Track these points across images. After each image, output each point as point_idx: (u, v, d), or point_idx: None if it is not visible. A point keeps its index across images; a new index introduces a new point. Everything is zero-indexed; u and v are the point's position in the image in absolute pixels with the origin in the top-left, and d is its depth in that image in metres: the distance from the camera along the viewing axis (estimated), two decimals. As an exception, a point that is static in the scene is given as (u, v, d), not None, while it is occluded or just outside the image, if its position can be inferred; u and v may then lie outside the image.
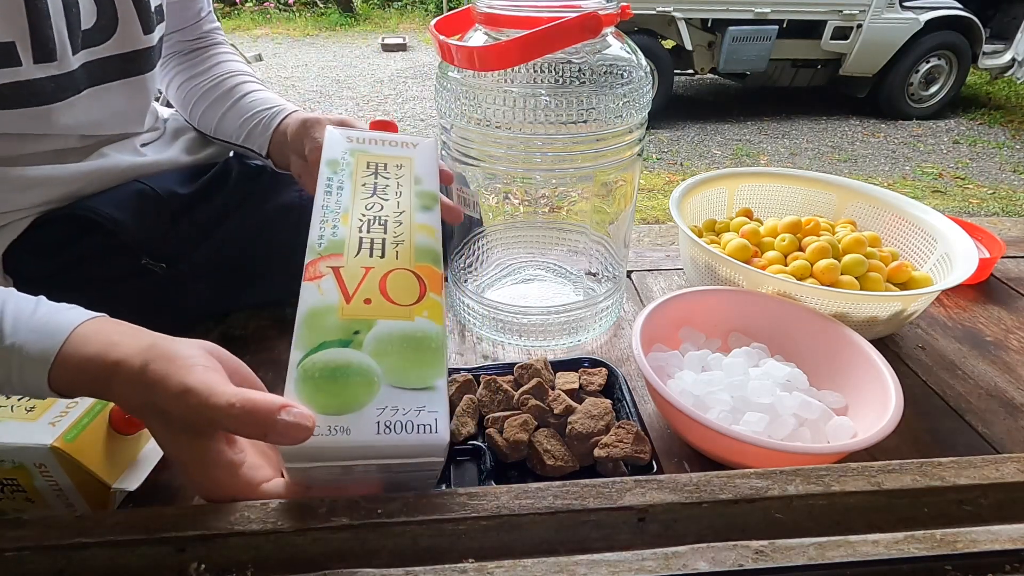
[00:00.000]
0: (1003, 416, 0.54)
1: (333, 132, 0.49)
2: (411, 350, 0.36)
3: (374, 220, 0.42)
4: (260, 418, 0.31)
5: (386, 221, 0.42)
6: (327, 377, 0.34)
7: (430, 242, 0.42)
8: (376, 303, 0.38)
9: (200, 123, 0.68)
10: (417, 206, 0.44)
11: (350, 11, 7.59)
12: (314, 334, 0.36)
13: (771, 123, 3.92)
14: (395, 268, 0.40)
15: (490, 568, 0.30)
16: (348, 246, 0.40)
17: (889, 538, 0.31)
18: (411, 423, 0.33)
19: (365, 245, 0.41)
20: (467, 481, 0.46)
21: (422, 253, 0.41)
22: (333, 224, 0.42)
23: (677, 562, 0.30)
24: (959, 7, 3.79)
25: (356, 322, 0.36)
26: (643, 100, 0.55)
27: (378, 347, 0.36)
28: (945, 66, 3.93)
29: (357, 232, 0.41)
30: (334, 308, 0.37)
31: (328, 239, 0.41)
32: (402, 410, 0.34)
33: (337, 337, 0.36)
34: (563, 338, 0.63)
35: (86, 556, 0.31)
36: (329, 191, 0.44)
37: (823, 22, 3.69)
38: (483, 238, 0.67)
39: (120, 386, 0.34)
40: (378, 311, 0.37)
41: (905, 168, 3.22)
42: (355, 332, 0.36)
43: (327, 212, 0.42)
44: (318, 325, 0.36)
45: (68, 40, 0.50)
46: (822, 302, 0.56)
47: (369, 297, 0.38)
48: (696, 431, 0.46)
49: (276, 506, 0.33)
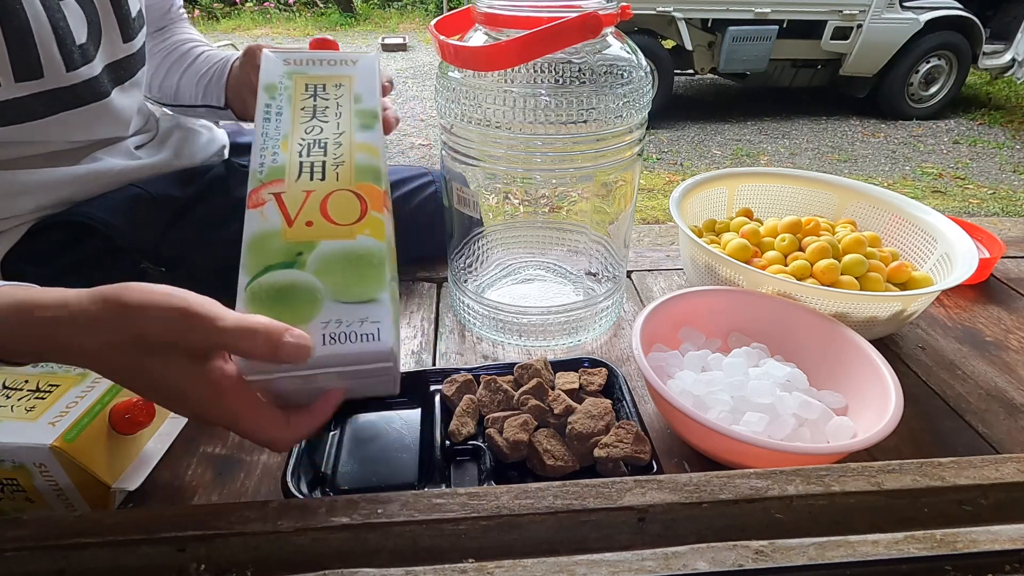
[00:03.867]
0: (1003, 416, 0.54)
1: (269, 56, 0.48)
2: (353, 267, 0.38)
3: (314, 144, 0.43)
4: (272, 338, 0.32)
5: (326, 144, 0.43)
6: (273, 298, 0.36)
7: (371, 160, 0.42)
8: (318, 224, 0.39)
9: (160, 94, 0.68)
10: (357, 125, 0.44)
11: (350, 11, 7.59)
12: (259, 258, 0.38)
13: (771, 123, 3.91)
14: (336, 190, 0.41)
15: (490, 568, 0.30)
16: (289, 171, 0.41)
17: (889, 538, 0.31)
18: (355, 333, 0.36)
19: (305, 169, 0.41)
20: (467, 481, 0.46)
21: (363, 172, 0.42)
22: (273, 151, 0.42)
23: (677, 562, 0.30)
24: (959, 7, 3.79)
25: (299, 244, 0.38)
26: (643, 100, 0.55)
27: (321, 266, 0.38)
28: (945, 66, 3.93)
29: (297, 157, 0.42)
30: (277, 232, 0.39)
31: (268, 167, 0.41)
32: (345, 322, 0.36)
33: (281, 260, 0.38)
34: (563, 338, 0.63)
35: (86, 556, 0.31)
36: (268, 117, 0.44)
37: (823, 22, 3.69)
38: (483, 238, 0.67)
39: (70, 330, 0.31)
40: (320, 232, 0.39)
41: (905, 168, 3.22)
42: (298, 254, 0.38)
43: (267, 140, 0.43)
44: (262, 249, 0.38)
45: (60, 56, 0.50)
46: (822, 302, 0.56)
47: (311, 220, 0.39)
48: (696, 431, 0.46)
49: (276, 506, 0.33)
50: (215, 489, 0.46)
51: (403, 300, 0.71)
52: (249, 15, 7.44)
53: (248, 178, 0.41)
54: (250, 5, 7.68)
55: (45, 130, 0.52)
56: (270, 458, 0.49)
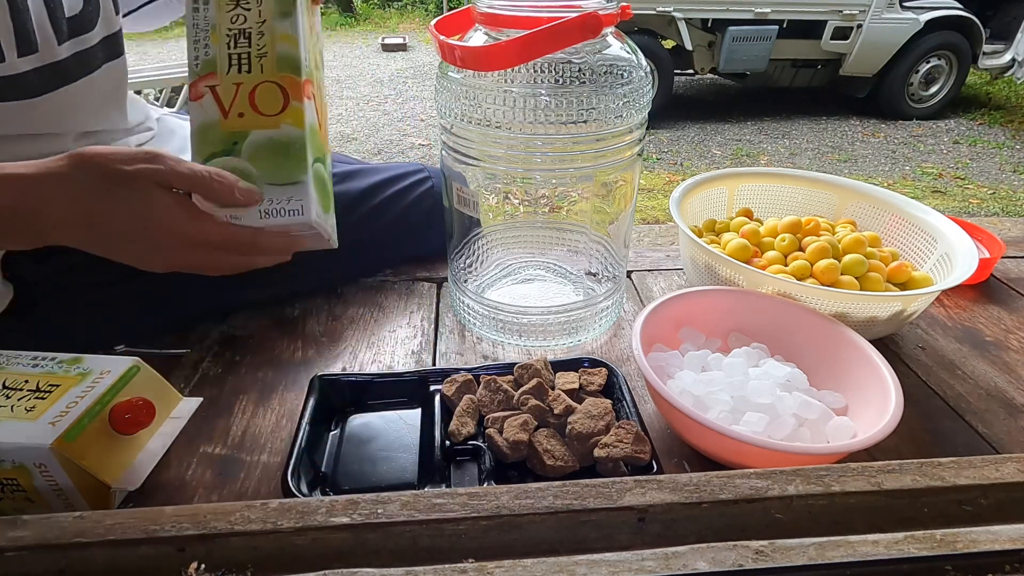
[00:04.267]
0: (1003, 416, 0.54)
1: None
2: (279, 154, 0.46)
3: (240, 34, 0.46)
4: (228, 184, 0.40)
5: (250, 34, 0.46)
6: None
7: (290, 51, 0.46)
8: (248, 116, 0.46)
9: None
10: (276, 13, 0.46)
11: (350, 11, 7.59)
12: (204, 146, 0.46)
13: (771, 123, 3.92)
14: (261, 81, 0.46)
15: (490, 568, 0.30)
16: (220, 65, 0.46)
17: (889, 538, 0.31)
18: (284, 210, 0.46)
19: (234, 61, 0.46)
20: (467, 481, 0.46)
21: (283, 63, 0.46)
22: (205, 44, 0.46)
23: (677, 562, 0.30)
24: (959, 7, 3.79)
25: (234, 134, 0.46)
26: (643, 100, 0.55)
27: (253, 153, 0.46)
28: (945, 66, 3.93)
29: (226, 49, 0.46)
30: (216, 123, 0.46)
31: (203, 60, 0.46)
32: (275, 201, 0.46)
33: (221, 148, 0.46)
34: (563, 338, 0.63)
35: (86, 556, 0.31)
36: (196, 7, 0.47)
37: (823, 22, 3.69)
38: (483, 238, 0.67)
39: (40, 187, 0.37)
40: (250, 123, 0.46)
41: (905, 168, 3.22)
42: (234, 143, 0.46)
43: (198, 31, 0.46)
44: (205, 138, 0.46)
45: (52, 30, 0.50)
46: (822, 302, 0.56)
47: (242, 111, 0.46)
48: (696, 431, 0.46)
49: (276, 506, 0.33)
50: (215, 489, 0.46)
51: (403, 300, 0.71)
52: (249, 15, 7.43)
53: (187, 70, 0.46)
54: (250, 5, 7.67)
55: (44, 112, 0.52)
56: (270, 458, 0.49)
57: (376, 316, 0.68)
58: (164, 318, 0.64)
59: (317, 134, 0.49)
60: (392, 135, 3.63)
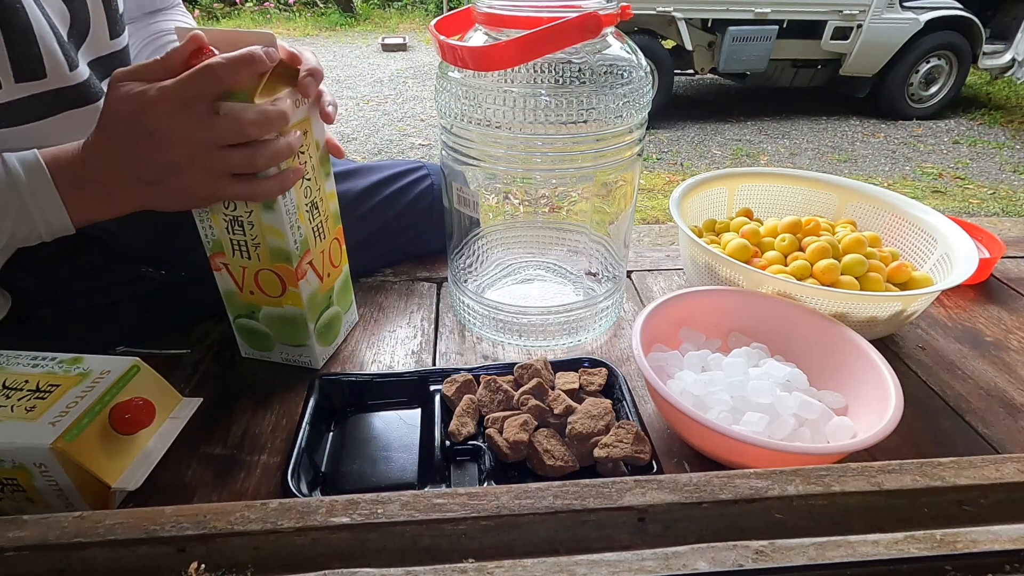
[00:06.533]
0: (1003, 416, 0.54)
1: None
2: (286, 325, 0.55)
3: (234, 221, 0.49)
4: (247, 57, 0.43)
5: (242, 222, 0.49)
6: (249, 331, 0.57)
7: (279, 244, 0.49)
8: (257, 295, 0.54)
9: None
10: (261, 206, 0.48)
11: (350, 11, 7.59)
12: (233, 307, 0.56)
13: (771, 123, 3.91)
14: (261, 268, 0.51)
15: (490, 568, 0.30)
16: (225, 247, 0.51)
17: (889, 538, 0.31)
18: (296, 360, 0.58)
19: (235, 246, 0.51)
20: (467, 481, 0.46)
21: (275, 255, 0.50)
22: (210, 225, 0.50)
23: (677, 562, 0.30)
24: (959, 7, 3.79)
25: (250, 305, 0.55)
26: (643, 100, 0.55)
27: (267, 321, 0.56)
28: (945, 66, 3.93)
29: (226, 233, 0.50)
30: (236, 293, 0.54)
31: (212, 239, 0.51)
32: (289, 356, 0.58)
33: (245, 312, 0.56)
34: (563, 338, 0.63)
35: (86, 556, 0.31)
36: None
37: (823, 22, 3.69)
38: (483, 238, 0.67)
39: (87, 150, 0.45)
40: (260, 300, 0.54)
41: (905, 168, 3.21)
42: (252, 312, 0.55)
43: (200, 212, 0.50)
44: (231, 303, 0.55)
45: (62, 56, 0.49)
46: (822, 302, 0.56)
47: (252, 290, 0.53)
48: (696, 431, 0.46)
49: (276, 506, 0.33)
50: (215, 489, 0.46)
51: (403, 300, 0.71)
52: (249, 15, 7.44)
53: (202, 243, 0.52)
54: (250, 5, 7.68)
55: (44, 133, 0.51)
56: (270, 458, 0.49)
57: (376, 316, 0.68)
58: (164, 320, 0.64)
59: (319, 294, 0.55)
60: (392, 135, 3.63)
